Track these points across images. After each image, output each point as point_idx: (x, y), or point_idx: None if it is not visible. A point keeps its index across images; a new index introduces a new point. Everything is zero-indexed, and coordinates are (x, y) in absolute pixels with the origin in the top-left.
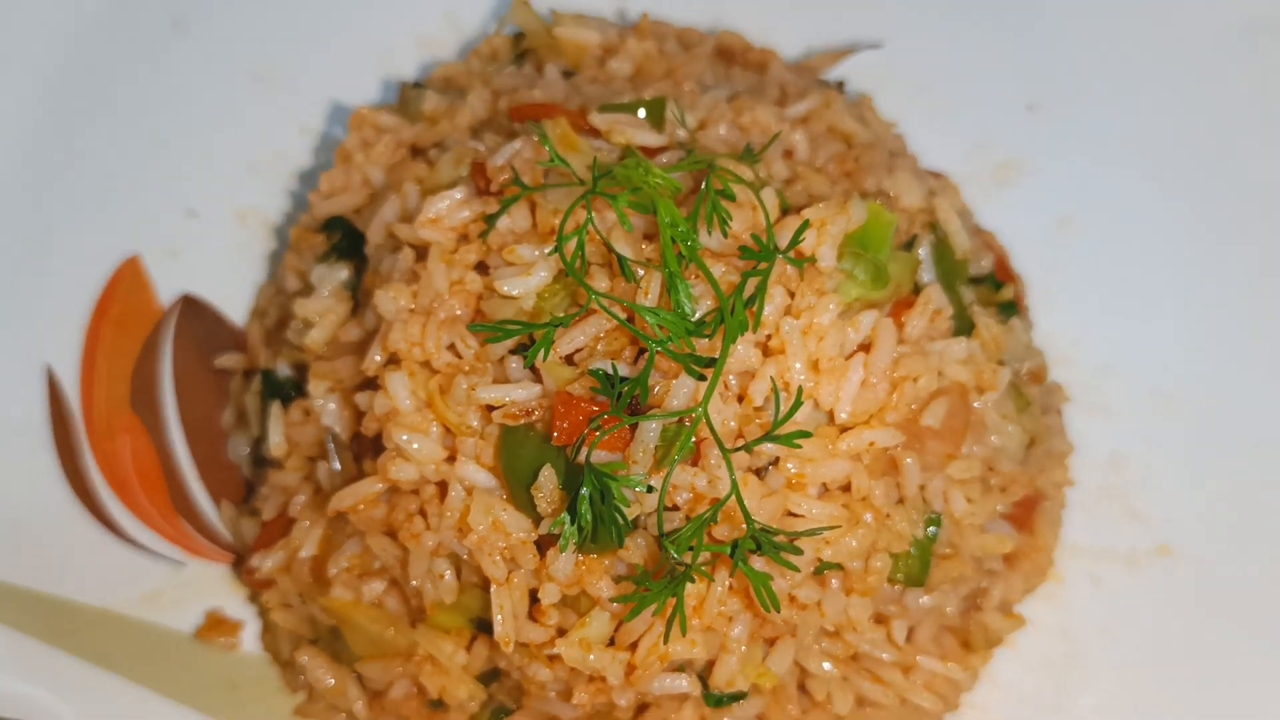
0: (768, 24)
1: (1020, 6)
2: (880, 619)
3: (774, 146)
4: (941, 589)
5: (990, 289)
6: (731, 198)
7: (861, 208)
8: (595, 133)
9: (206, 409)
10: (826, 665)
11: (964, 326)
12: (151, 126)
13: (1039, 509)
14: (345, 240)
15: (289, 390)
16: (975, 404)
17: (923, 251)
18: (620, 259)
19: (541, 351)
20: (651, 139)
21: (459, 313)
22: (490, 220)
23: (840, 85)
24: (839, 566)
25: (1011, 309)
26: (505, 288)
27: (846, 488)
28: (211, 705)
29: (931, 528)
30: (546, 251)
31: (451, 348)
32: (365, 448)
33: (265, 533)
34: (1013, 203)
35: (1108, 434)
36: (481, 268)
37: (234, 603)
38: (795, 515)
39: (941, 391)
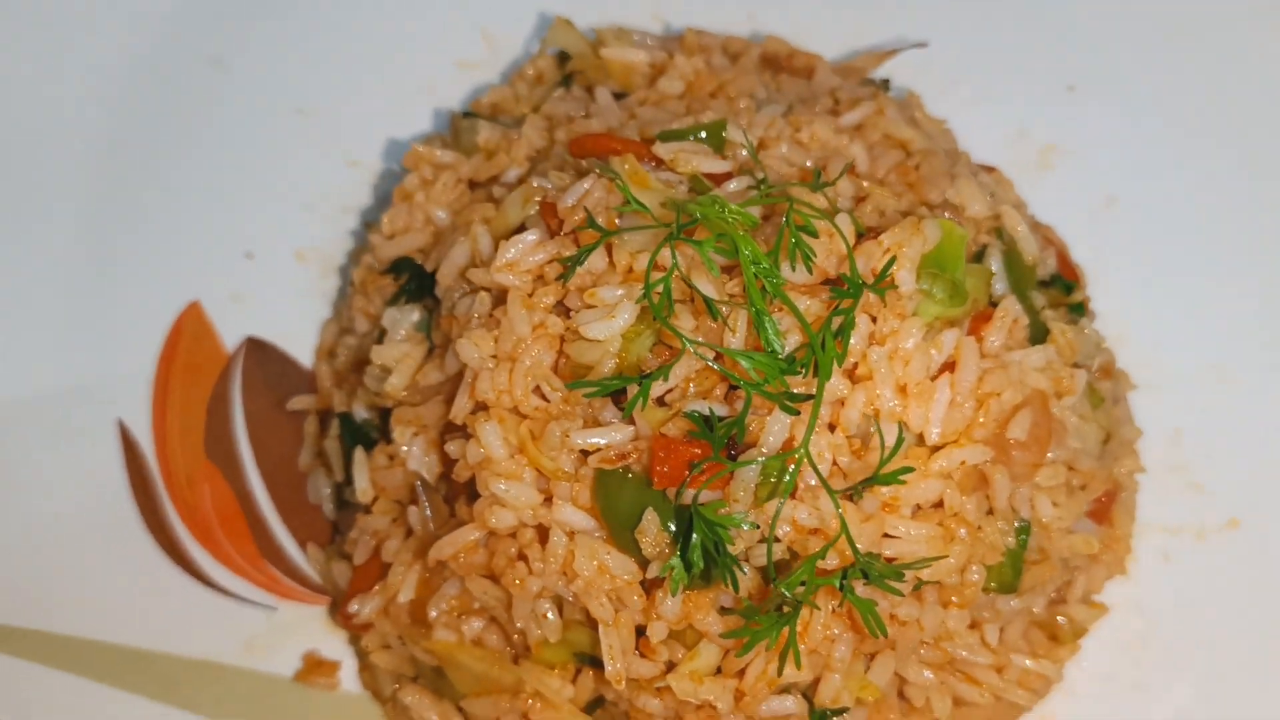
0: (804, 24)
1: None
2: (974, 624)
3: (836, 163)
4: (1030, 593)
5: (1060, 291)
6: (814, 234)
7: (935, 227)
8: (659, 161)
9: (282, 452)
10: (926, 673)
11: (1038, 333)
12: (201, 169)
13: (1117, 500)
14: (414, 281)
15: (370, 434)
16: (1055, 410)
17: (994, 263)
18: (707, 300)
19: None
20: (716, 166)
21: (544, 357)
22: (570, 263)
23: (885, 84)
24: (936, 582)
25: (1080, 309)
26: (590, 331)
27: (938, 504)
28: None
29: (1022, 536)
30: (629, 295)
31: (538, 390)
32: (456, 491)
33: (359, 577)
34: (1058, 186)
35: (1167, 410)
36: (560, 308)
37: (329, 642)
38: (892, 536)
39: (1024, 402)
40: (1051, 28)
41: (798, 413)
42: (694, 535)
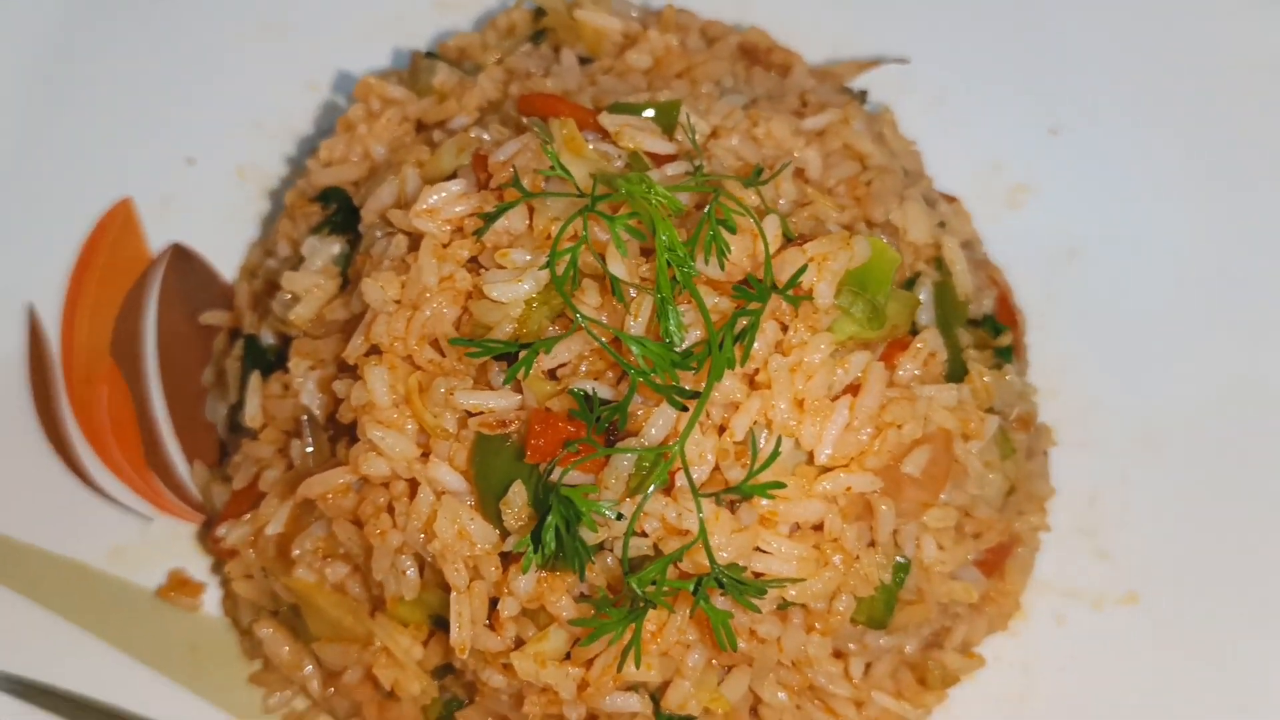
0: (793, 22)
1: (1043, 27)
2: (839, 654)
3: (786, 165)
4: (902, 631)
5: (989, 333)
6: (732, 229)
7: (865, 245)
8: (604, 133)
9: (187, 364)
10: (781, 695)
11: (957, 371)
12: (156, 65)
13: (1012, 555)
14: (341, 214)
15: (271, 360)
16: (959, 451)
17: (924, 293)
18: (612, 279)
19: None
20: (660, 146)
21: (446, 310)
22: (487, 219)
23: (863, 95)
24: (803, 605)
25: (1008, 354)
26: (494, 293)
27: (819, 526)
28: (171, 665)
29: (900, 574)
30: (539, 261)
31: (435, 344)
32: (341, 432)
33: (234, 502)
34: (1021, 228)
35: (1089, 471)
36: (474, 264)
37: (199, 564)
38: (764, 551)
39: (925, 439)
40: (1045, 68)
41: (685, 408)
42: (550, 513)
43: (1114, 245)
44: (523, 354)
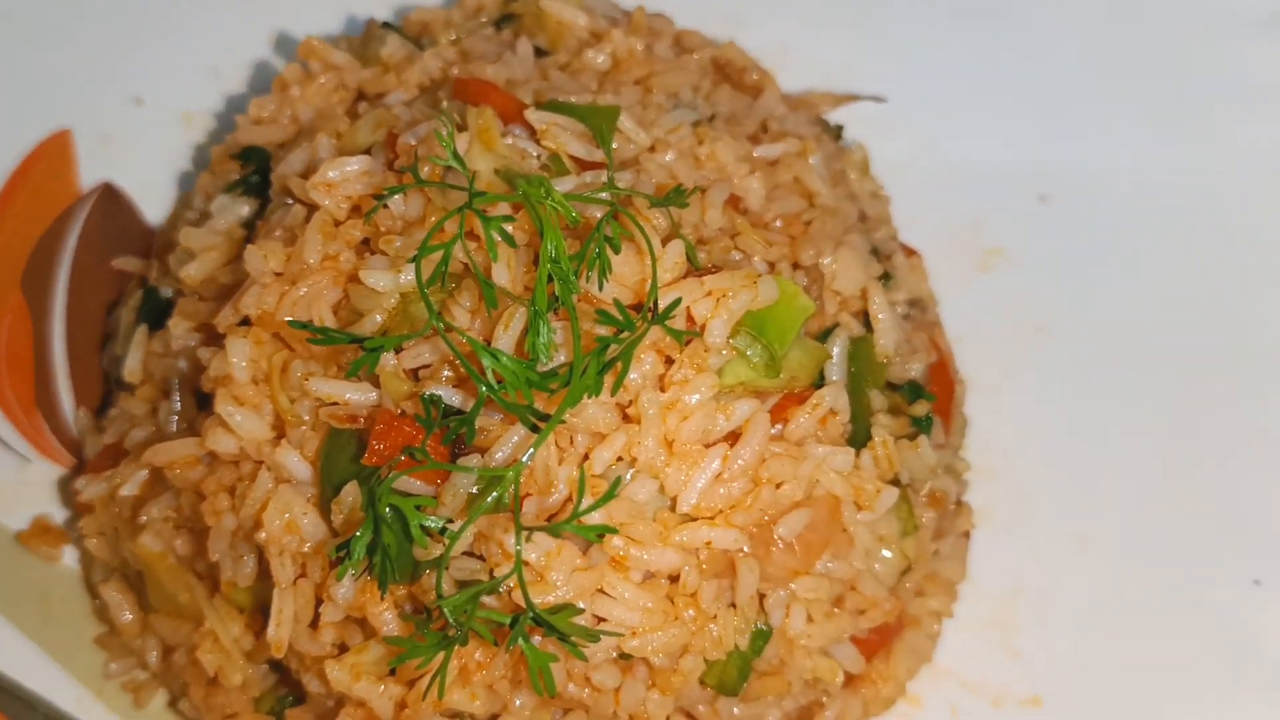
0: (784, 48)
1: (1049, 87)
2: (689, 715)
3: (719, 190)
4: (760, 701)
5: (907, 398)
6: (616, 248)
7: (772, 285)
8: (531, 130)
9: (94, 308)
10: None
11: (861, 435)
12: None
13: (900, 637)
14: (258, 174)
15: (163, 316)
16: (848, 520)
17: (837, 346)
18: (484, 285)
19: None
20: (584, 151)
21: (325, 291)
22: (377, 201)
23: (838, 130)
24: (645, 659)
25: (926, 424)
26: (368, 279)
27: (675, 578)
28: (18, 613)
29: (759, 641)
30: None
31: (309, 323)
32: (205, 401)
33: (101, 456)
34: (987, 294)
35: (1014, 561)
36: (367, 246)
37: (68, 514)
38: (607, 595)
39: (807, 503)
40: (1045, 131)
41: (536, 429)
42: (365, 523)
43: (1082, 328)
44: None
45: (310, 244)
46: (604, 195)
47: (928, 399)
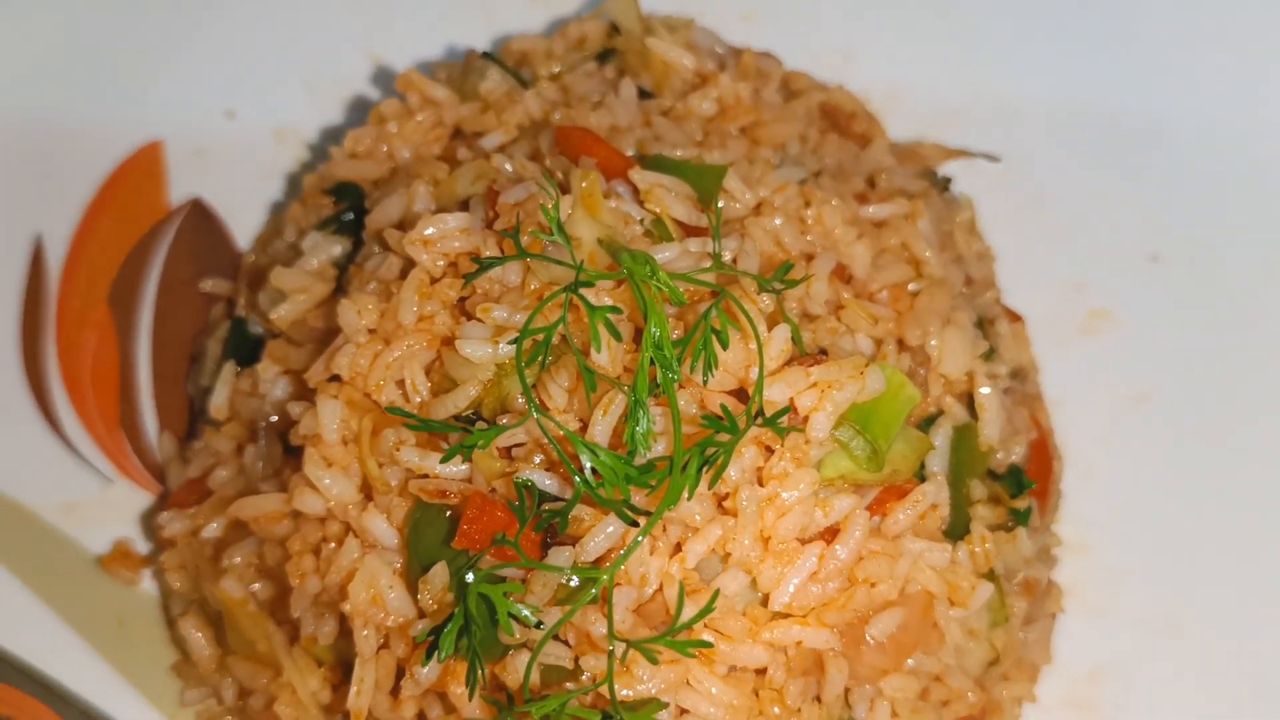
0: (893, 91)
1: (1167, 139)
2: None
3: (825, 261)
4: None
5: (1009, 488)
6: (725, 344)
7: (880, 377)
8: (634, 188)
9: (181, 327)
10: None
11: (959, 526)
12: (210, 7)
13: None
14: (352, 211)
15: (252, 351)
16: (940, 616)
17: (940, 437)
18: (584, 370)
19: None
20: (690, 215)
21: (419, 351)
22: (478, 266)
23: (945, 183)
24: None
25: (1025, 516)
26: (465, 349)
27: (762, 671)
28: (96, 636)
29: None
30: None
31: (402, 385)
32: (293, 450)
33: (185, 490)
34: (1092, 358)
35: (1100, 641)
36: (463, 307)
37: (148, 539)
38: (694, 689)
39: (900, 600)
40: (1159, 188)
41: (635, 523)
42: (455, 614)
43: (1187, 398)
44: (478, 428)
45: (405, 304)
46: (709, 276)
47: (1028, 485)
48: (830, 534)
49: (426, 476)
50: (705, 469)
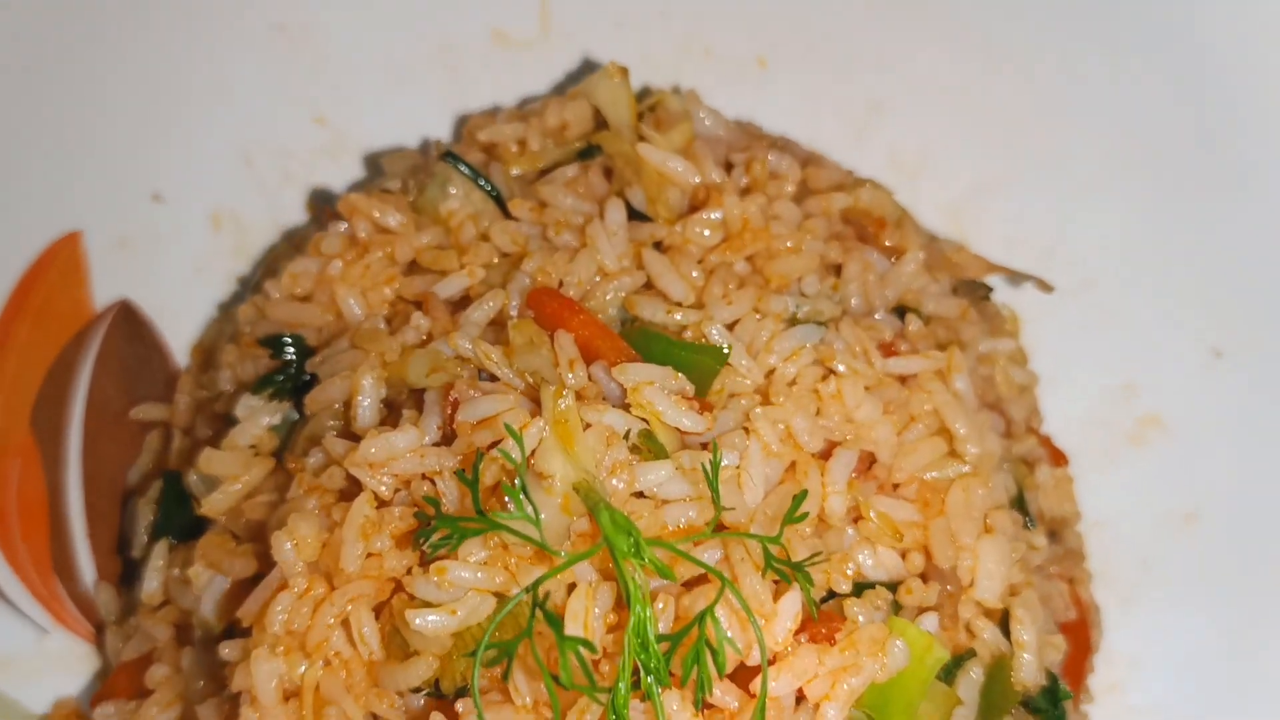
0: (921, 149)
1: (1223, 223)
2: None
3: (842, 463)
4: None
5: (1044, 704)
6: (721, 667)
7: (902, 653)
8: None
9: (116, 453)
10: None
11: None
12: (128, 73)
13: None
14: (292, 367)
15: (187, 521)
16: None
17: (967, 689)
18: (548, 681)
19: None
20: (686, 421)
21: (365, 601)
22: (421, 530)
23: (987, 292)
24: None
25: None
26: (416, 621)
27: None
28: None
29: None
30: (487, 582)
31: (348, 626)
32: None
33: (120, 674)
34: (1141, 474)
35: None
36: (413, 540)
37: (92, 689)
38: None
39: None
40: (1219, 277)
41: None
42: None
43: (1239, 517)
44: None
45: (349, 546)
46: (711, 557)
47: (1065, 697)
48: None
49: None
50: None
